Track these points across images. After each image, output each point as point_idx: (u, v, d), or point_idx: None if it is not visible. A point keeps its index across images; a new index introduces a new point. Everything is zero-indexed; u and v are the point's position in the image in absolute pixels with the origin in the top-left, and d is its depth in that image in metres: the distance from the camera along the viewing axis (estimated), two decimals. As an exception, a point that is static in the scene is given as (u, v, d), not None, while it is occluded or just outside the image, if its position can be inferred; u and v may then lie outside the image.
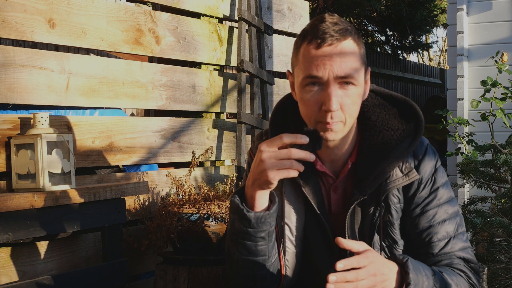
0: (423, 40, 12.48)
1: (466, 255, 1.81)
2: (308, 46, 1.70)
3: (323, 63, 1.68)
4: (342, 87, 1.69)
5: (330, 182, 1.83)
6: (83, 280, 2.49)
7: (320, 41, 1.68)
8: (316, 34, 1.69)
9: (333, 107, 1.67)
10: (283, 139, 1.61)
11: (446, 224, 1.80)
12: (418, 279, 1.62)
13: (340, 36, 1.69)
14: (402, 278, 1.63)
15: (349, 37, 1.70)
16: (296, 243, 1.81)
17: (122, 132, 2.94)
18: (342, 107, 1.69)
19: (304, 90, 1.72)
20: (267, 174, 1.61)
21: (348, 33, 1.70)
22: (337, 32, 1.69)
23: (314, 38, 1.69)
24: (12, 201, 2.21)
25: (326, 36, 1.68)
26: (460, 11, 5.33)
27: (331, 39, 1.68)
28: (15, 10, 2.51)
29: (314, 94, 1.70)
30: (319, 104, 1.69)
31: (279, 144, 1.61)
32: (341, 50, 1.68)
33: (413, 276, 1.61)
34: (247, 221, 1.68)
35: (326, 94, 1.68)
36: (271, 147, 1.61)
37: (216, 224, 2.68)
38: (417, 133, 1.79)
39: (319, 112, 1.70)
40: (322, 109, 1.69)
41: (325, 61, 1.67)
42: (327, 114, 1.68)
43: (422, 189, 1.80)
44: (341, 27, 1.70)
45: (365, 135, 1.82)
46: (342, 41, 1.69)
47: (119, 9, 2.95)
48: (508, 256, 2.47)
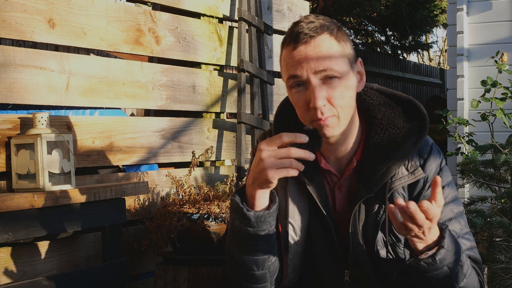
0: (423, 40, 12.48)
1: (474, 255, 1.81)
2: (286, 49, 1.74)
3: (300, 62, 1.70)
4: (326, 82, 1.70)
5: (335, 180, 1.83)
6: (83, 280, 2.49)
7: (294, 42, 1.71)
8: (292, 36, 1.72)
9: (318, 103, 1.68)
10: (283, 138, 1.61)
11: (452, 223, 1.80)
12: (450, 247, 1.63)
13: (313, 33, 1.70)
14: (438, 241, 1.63)
15: (325, 32, 1.71)
16: (299, 243, 1.81)
17: (122, 132, 2.94)
18: (331, 101, 1.70)
19: (291, 92, 1.75)
20: (266, 173, 1.61)
21: (324, 28, 1.72)
22: (311, 30, 1.71)
23: (291, 40, 1.72)
24: (12, 201, 2.21)
25: (300, 35, 1.70)
26: (460, 11, 5.33)
27: (305, 38, 1.70)
28: (15, 10, 2.50)
29: (300, 95, 1.72)
30: (307, 103, 1.71)
31: (278, 143, 1.62)
32: (315, 46, 1.70)
33: (448, 242, 1.63)
34: (247, 220, 1.68)
35: (310, 92, 1.70)
36: (271, 146, 1.62)
37: (216, 224, 2.68)
38: (422, 131, 1.79)
39: (309, 111, 1.71)
40: (310, 107, 1.70)
41: (301, 60, 1.70)
42: (316, 111, 1.69)
43: (428, 188, 1.80)
44: (316, 24, 1.72)
45: (371, 133, 1.82)
46: (316, 37, 1.70)
47: (119, 9, 2.95)
48: (508, 256, 2.47)
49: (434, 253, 1.62)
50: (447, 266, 1.64)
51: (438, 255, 1.61)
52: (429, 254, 1.63)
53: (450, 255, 1.63)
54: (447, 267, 1.64)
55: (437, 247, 1.63)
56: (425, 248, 1.64)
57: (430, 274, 1.64)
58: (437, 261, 1.61)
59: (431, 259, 1.62)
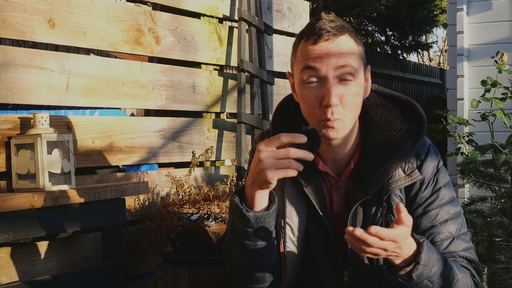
0: (423, 40, 12.48)
1: (469, 255, 1.81)
2: (305, 43, 1.72)
3: (320, 57, 1.69)
4: (342, 82, 1.70)
5: (332, 182, 1.83)
6: (83, 280, 2.49)
7: (317, 37, 1.70)
8: (313, 31, 1.71)
9: (333, 101, 1.67)
10: (281, 138, 1.61)
11: (449, 224, 1.80)
12: (429, 261, 1.62)
13: (336, 32, 1.70)
14: (415, 256, 1.63)
15: (346, 33, 1.72)
16: (297, 243, 1.81)
17: (122, 132, 2.94)
18: (342, 103, 1.70)
19: (303, 87, 1.72)
20: (265, 174, 1.60)
21: (344, 29, 1.72)
22: (334, 28, 1.70)
23: (311, 35, 1.71)
24: (12, 201, 2.21)
25: (323, 32, 1.70)
26: (460, 11, 5.33)
27: (328, 35, 1.69)
28: (15, 10, 2.51)
29: (313, 90, 1.71)
30: (319, 100, 1.70)
31: (277, 143, 1.61)
32: (338, 45, 1.70)
33: (425, 257, 1.61)
34: (247, 220, 1.68)
35: (326, 89, 1.69)
36: (269, 146, 1.61)
37: (216, 224, 2.68)
38: (420, 133, 1.79)
39: (320, 108, 1.70)
40: (322, 104, 1.69)
41: (323, 55, 1.69)
42: (328, 110, 1.68)
43: (424, 189, 1.80)
44: (338, 24, 1.72)
45: (368, 135, 1.82)
46: (338, 36, 1.70)
47: (119, 9, 2.95)
48: (508, 256, 2.47)
49: (410, 270, 1.61)
50: (427, 280, 1.63)
51: (414, 271, 1.61)
52: (407, 271, 1.62)
53: (428, 269, 1.62)
54: (427, 281, 1.64)
55: (414, 263, 1.62)
56: (403, 263, 1.63)
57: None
58: (414, 278, 1.61)
59: (407, 276, 1.62)
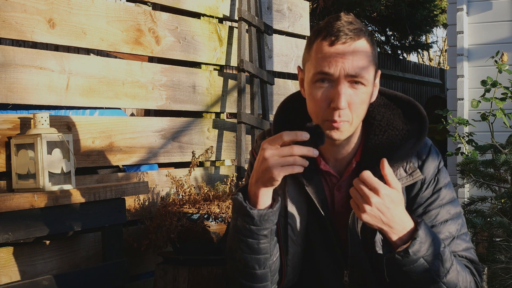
0: (423, 40, 12.48)
1: (470, 255, 1.81)
2: (321, 43, 1.71)
3: (335, 60, 1.68)
4: (352, 86, 1.70)
5: (334, 181, 1.83)
6: (83, 280, 2.49)
7: (334, 38, 1.69)
8: (331, 31, 1.70)
9: (342, 104, 1.67)
10: (283, 137, 1.61)
11: (449, 224, 1.80)
12: (426, 239, 1.64)
13: (354, 35, 1.69)
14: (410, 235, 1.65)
15: (363, 37, 1.71)
16: (298, 242, 1.81)
17: (122, 132, 2.94)
18: (350, 106, 1.70)
19: (314, 86, 1.72)
20: (271, 172, 1.61)
21: (362, 33, 1.71)
22: (352, 31, 1.69)
23: (328, 35, 1.70)
24: (12, 201, 2.21)
25: (340, 34, 1.69)
26: (460, 11, 5.32)
27: (345, 37, 1.68)
28: (15, 10, 2.50)
29: (323, 91, 1.70)
30: (328, 101, 1.70)
31: (280, 142, 1.61)
32: (354, 49, 1.69)
33: (422, 234, 1.64)
34: (250, 218, 1.68)
35: (336, 91, 1.68)
36: (273, 145, 1.61)
37: (216, 224, 2.68)
38: (421, 133, 1.79)
39: (327, 109, 1.70)
40: (331, 106, 1.69)
41: (338, 59, 1.68)
42: (335, 112, 1.69)
43: (425, 189, 1.81)
44: (356, 26, 1.71)
45: (370, 134, 1.82)
46: (356, 40, 1.69)
47: (119, 9, 2.95)
48: (508, 256, 2.47)
49: (407, 246, 1.63)
50: (423, 259, 1.64)
51: (411, 247, 1.63)
52: (403, 248, 1.64)
53: (425, 247, 1.64)
54: (423, 259, 1.64)
55: (411, 240, 1.64)
56: (400, 241, 1.65)
57: (407, 268, 1.65)
58: (410, 253, 1.63)
59: (404, 252, 1.63)
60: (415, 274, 1.66)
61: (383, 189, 1.61)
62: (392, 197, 1.62)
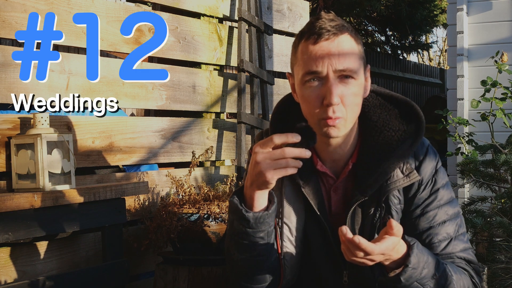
0: (423, 40, 12.48)
1: (468, 256, 1.81)
2: (305, 43, 1.71)
3: (321, 58, 1.68)
4: (342, 81, 1.70)
5: (331, 182, 1.83)
6: (83, 280, 2.49)
7: (317, 36, 1.69)
8: (313, 31, 1.70)
9: (334, 100, 1.67)
10: (274, 140, 1.60)
11: (447, 225, 1.79)
12: (418, 264, 1.62)
13: (336, 31, 1.70)
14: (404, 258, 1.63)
15: (346, 32, 1.72)
16: (296, 244, 1.81)
17: (122, 132, 2.94)
18: (343, 101, 1.69)
19: (304, 87, 1.72)
20: (264, 175, 1.60)
21: (344, 28, 1.72)
22: (334, 27, 1.70)
23: (312, 34, 1.70)
24: (12, 201, 2.21)
25: (323, 31, 1.69)
26: (460, 11, 5.32)
27: (328, 34, 1.69)
28: (15, 10, 2.50)
29: (314, 90, 1.70)
30: (320, 99, 1.69)
31: (271, 145, 1.60)
32: (338, 44, 1.69)
33: (414, 260, 1.62)
34: (246, 221, 1.67)
35: (327, 88, 1.68)
36: (265, 148, 1.61)
37: (216, 224, 2.68)
38: (418, 134, 1.79)
39: (321, 107, 1.70)
40: (324, 103, 1.69)
41: (324, 55, 1.68)
42: (329, 109, 1.68)
43: (423, 190, 1.80)
44: (338, 23, 1.72)
45: (366, 135, 1.81)
46: (339, 35, 1.70)
47: (119, 9, 2.95)
48: (508, 256, 2.47)
49: (399, 272, 1.62)
50: (417, 282, 1.63)
51: (403, 274, 1.61)
52: (396, 273, 1.63)
53: (417, 272, 1.62)
54: (417, 283, 1.64)
55: (403, 266, 1.62)
56: (393, 264, 1.63)
57: None
58: (402, 280, 1.61)
59: (396, 278, 1.62)
60: None
61: (387, 249, 1.57)
62: (395, 244, 1.59)
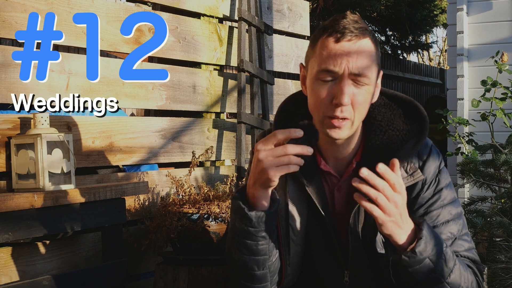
0: (423, 40, 12.48)
1: (471, 255, 1.81)
2: (327, 39, 1.71)
3: (340, 58, 1.68)
4: (355, 85, 1.70)
5: (334, 181, 1.83)
6: (83, 280, 2.49)
7: (340, 36, 1.69)
8: (337, 28, 1.70)
9: (345, 101, 1.67)
10: (277, 135, 1.60)
11: (450, 225, 1.79)
12: (430, 237, 1.63)
13: (359, 33, 1.70)
14: (414, 235, 1.64)
15: (368, 36, 1.72)
16: (298, 242, 1.81)
17: (122, 132, 2.94)
18: (353, 104, 1.70)
19: (317, 82, 1.72)
20: (267, 173, 1.60)
21: (367, 32, 1.72)
22: (357, 29, 1.70)
23: (334, 32, 1.70)
24: (12, 201, 2.21)
25: (346, 31, 1.69)
26: (460, 11, 5.33)
27: (351, 35, 1.69)
28: (15, 10, 2.50)
29: (326, 87, 1.70)
30: (331, 97, 1.69)
31: (273, 141, 1.61)
32: (359, 48, 1.69)
33: (426, 233, 1.62)
34: (248, 220, 1.67)
35: (339, 88, 1.68)
36: (267, 145, 1.61)
37: (216, 224, 2.68)
38: (422, 133, 1.79)
39: (329, 105, 1.70)
40: (333, 102, 1.69)
41: (343, 56, 1.68)
42: (337, 108, 1.68)
43: (426, 189, 1.80)
44: (361, 25, 1.72)
45: (370, 134, 1.82)
46: (361, 38, 1.70)
47: (119, 9, 2.95)
48: (508, 256, 2.47)
49: (413, 246, 1.62)
50: (428, 259, 1.63)
51: (417, 246, 1.61)
52: (411, 247, 1.63)
53: (430, 246, 1.63)
54: (429, 259, 1.63)
55: (416, 239, 1.63)
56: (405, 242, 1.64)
57: (413, 269, 1.63)
58: (417, 253, 1.61)
59: (411, 252, 1.62)
60: (421, 274, 1.64)
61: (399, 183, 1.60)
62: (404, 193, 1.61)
